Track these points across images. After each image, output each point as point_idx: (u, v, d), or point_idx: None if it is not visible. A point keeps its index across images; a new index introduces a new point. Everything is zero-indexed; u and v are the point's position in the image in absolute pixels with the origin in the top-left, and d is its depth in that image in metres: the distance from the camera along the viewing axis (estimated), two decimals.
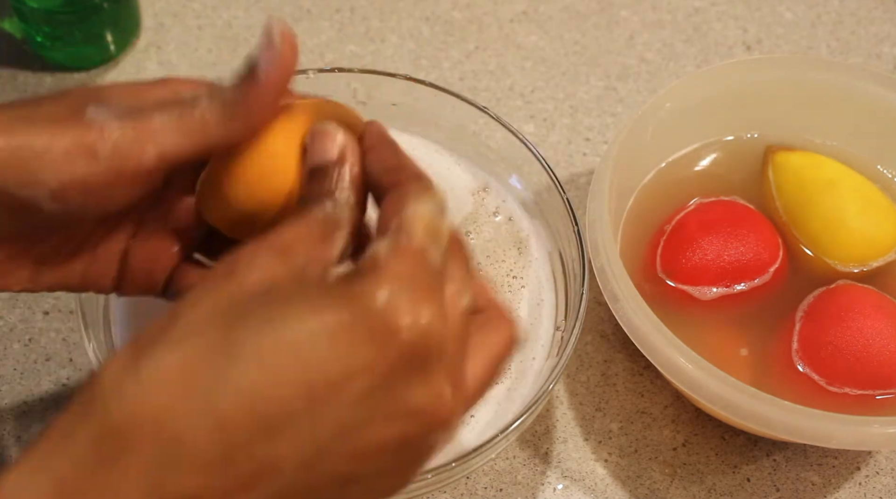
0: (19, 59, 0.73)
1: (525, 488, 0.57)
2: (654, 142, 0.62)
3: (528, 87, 0.74)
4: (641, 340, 0.53)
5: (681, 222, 0.60)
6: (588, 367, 0.62)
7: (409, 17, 0.77)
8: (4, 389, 0.59)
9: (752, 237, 0.59)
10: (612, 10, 0.79)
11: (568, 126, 0.73)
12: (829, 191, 0.61)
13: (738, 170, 0.65)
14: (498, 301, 0.40)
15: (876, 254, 0.60)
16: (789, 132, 0.65)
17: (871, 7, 0.80)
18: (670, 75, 0.76)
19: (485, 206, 0.59)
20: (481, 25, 0.77)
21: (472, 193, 0.59)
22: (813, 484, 0.59)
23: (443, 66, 0.75)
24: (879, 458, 0.60)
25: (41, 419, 0.58)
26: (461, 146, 0.60)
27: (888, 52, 0.78)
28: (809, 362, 0.56)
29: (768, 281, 0.59)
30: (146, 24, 0.75)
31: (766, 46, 0.78)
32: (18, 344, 0.61)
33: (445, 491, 0.57)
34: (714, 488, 0.58)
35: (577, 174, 0.70)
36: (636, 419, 0.60)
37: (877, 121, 0.64)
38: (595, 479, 0.58)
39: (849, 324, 0.56)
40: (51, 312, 0.62)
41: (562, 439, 0.59)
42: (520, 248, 0.57)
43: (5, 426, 0.57)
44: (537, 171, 0.57)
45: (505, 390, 0.53)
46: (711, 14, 0.79)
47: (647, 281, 0.59)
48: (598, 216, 0.55)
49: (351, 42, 0.76)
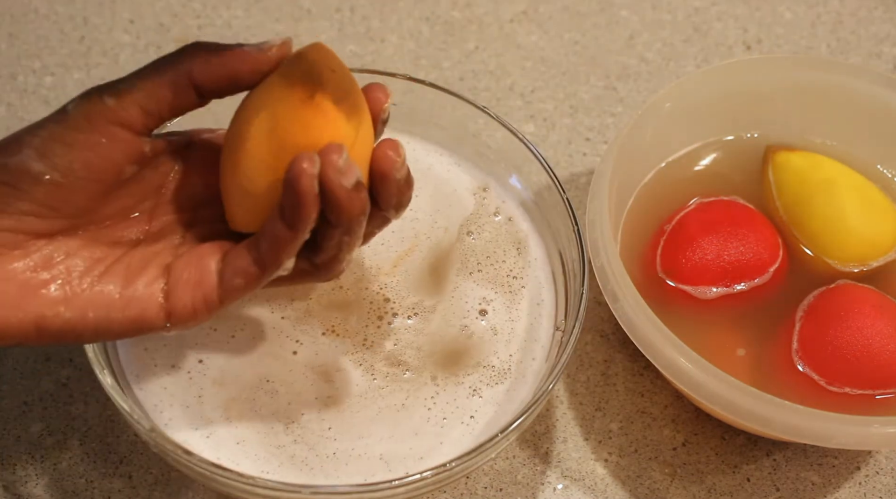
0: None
1: (525, 488, 0.57)
2: (654, 142, 0.62)
3: (528, 87, 0.74)
4: (641, 340, 0.53)
5: (681, 222, 0.60)
6: (588, 367, 0.62)
7: (409, 17, 0.77)
8: (4, 389, 0.59)
9: (752, 237, 0.59)
10: (612, 10, 0.79)
11: (568, 126, 0.73)
12: (828, 191, 0.61)
13: (738, 170, 0.65)
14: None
15: (876, 254, 0.60)
16: (789, 132, 0.66)
17: (871, 7, 0.80)
18: (670, 75, 0.76)
19: (485, 206, 0.59)
20: (481, 25, 0.77)
21: (472, 194, 0.59)
22: (813, 484, 0.59)
23: (443, 66, 0.75)
24: (879, 458, 0.60)
25: (41, 419, 0.58)
26: (461, 146, 0.60)
27: (888, 52, 0.78)
28: (809, 362, 0.56)
29: (768, 281, 0.59)
30: (146, 23, 0.75)
31: (766, 46, 0.78)
32: None
33: (445, 491, 0.57)
34: (714, 488, 0.58)
35: (577, 174, 0.70)
36: (636, 419, 0.60)
37: (877, 121, 0.64)
38: (595, 479, 0.58)
39: (849, 324, 0.56)
40: None
41: (562, 439, 0.59)
42: (519, 248, 0.57)
43: (5, 426, 0.57)
44: (537, 171, 0.57)
45: (504, 390, 0.53)
46: (711, 14, 0.79)
47: (647, 281, 0.59)
48: (598, 216, 0.55)
49: (351, 42, 0.76)
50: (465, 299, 0.55)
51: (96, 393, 0.58)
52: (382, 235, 0.56)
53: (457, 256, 0.56)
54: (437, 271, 0.56)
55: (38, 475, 0.56)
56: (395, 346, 0.53)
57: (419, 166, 0.60)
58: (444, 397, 0.52)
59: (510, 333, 0.54)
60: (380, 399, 0.52)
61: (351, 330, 0.53)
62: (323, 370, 0.52)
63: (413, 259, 0.56)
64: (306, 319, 0.54)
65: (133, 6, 0.76)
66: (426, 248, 0.57)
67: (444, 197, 0.59)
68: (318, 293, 0.54)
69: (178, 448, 0.47)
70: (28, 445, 0.57)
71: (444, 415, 0.51)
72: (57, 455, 0.57)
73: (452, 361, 0.53)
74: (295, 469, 0.49)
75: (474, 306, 0.55)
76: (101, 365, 0.49)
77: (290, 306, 0.54)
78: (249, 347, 0.53)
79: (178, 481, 0.56)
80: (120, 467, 0.56)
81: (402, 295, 0.55)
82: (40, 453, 0.57)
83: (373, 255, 0.56)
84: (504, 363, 0.53)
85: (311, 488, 0.46)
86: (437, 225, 0.57)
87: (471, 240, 0.57)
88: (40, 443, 0.57)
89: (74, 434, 0.57)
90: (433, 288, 0.55)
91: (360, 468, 0.50)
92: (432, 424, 0.51)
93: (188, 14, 0.76)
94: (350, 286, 0.55)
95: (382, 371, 0.52)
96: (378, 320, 0.54)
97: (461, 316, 0.54)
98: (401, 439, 0.51)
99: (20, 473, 0.56)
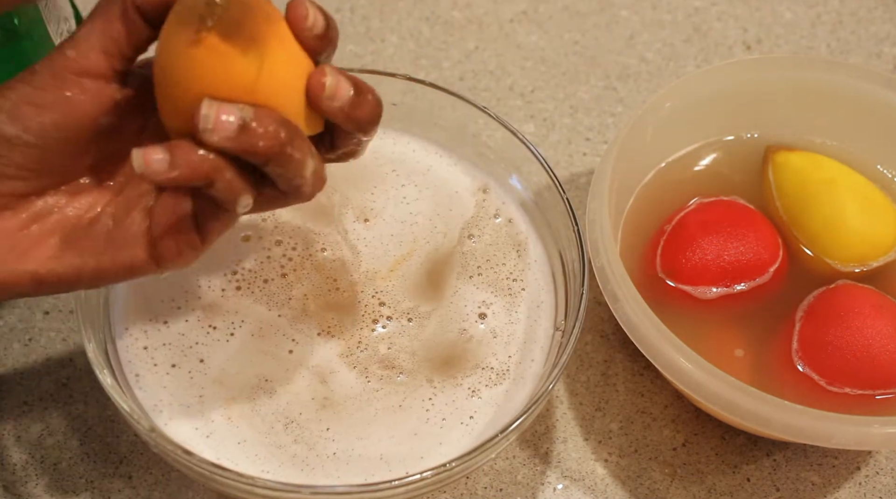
0: None
1: (525, 488, 0.57)
2: (654, 142, 0.62)
3: (528, 87, 0.74)
4: (641, 340, 0.53)
5: (681, 222, 0.60)
6: (588, 367, 0.62)
7: (409, 17, 0.77)
8: (4, 389, 0.59)
9: (752, 237, 0.59)
10: (612, 10, 0.79)
11: (568, 126, 0.73)
12: (828, 191, 0.61)
13: (738, 170, 0.65)
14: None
15: (876, 254, 0.60)
16: (789, 132, 0.66)
17: (871, 7, 0.80)
18: (670, 75, 0.76)
19: (485, 208, 0.59)
20: (481, 25, 0.77)
21: (472, 194, 0.59)
22: (813, 484, 0.59)
23: (443, 66, 0.75)
24: (879, 458, 0.60)
25: (41, 419, 0.58)
26: (461, 146, 0.60)
27: (888, 52, 0.78)
28: (809, 362, 0.56)
29: (768, 281, 0.59)
30: None
31: (766, 46, 0.78)
32: (18, 344, 0.61)
33: (445, 491, 0.57)
34: (714, 488, 0.58)
35: (577, 174, 0.70)
36: (636, 419, 0.60)
37: (877, 121, 0.64)
38: (595, 479, 0.58)
39: (849, 324, 0.56)
40: (51, 312, 0.62)
41: (562, 439, 0.59)
42: (519, 250, 0.57)
43: (5, 426, 0.57)
44: (537, 171, 0.57)
45: (504, 390, 0.53)
46: (711, 14, 0.79)
47: (647, 281, 0.59)
48: (598, 216, 0.55)
49: (351, 42, 0.76)
50: (465, 303, 0.55)
51: (96, 393, 0.58)
52: (381, 237, 0.56)
53: (457, 260, 0.56)
54: (436, 276, 0.56)
55: (38, 475, 0.56)
56: (389, 349, 0.53)
57: (419, 167, 0.60)
58: (442, 398, 0.52)
59: (509, 335, 0.54)
60: (375, 401, 0.52)
61: (346, 332, 0.53)
62: (318, 370, 0.52)
63: (411, 264, 0.56)
64: (302, 318, 0.54)
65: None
66: (424, 252, 0.56)
67: (443, 198, 0.59)
68: (315, 294, 0.54)
69: (178, 448, 0.47)
70: (28, 445, 0.57)
71: (442, 416, 0.51)
72: (57, 455, 0.57)
73: (450, 364, 0.53)
74: (295, 469, 0.49)
75: (474, 310, 0.55)
76: (101, 365, 0.49)
77: (287, 304, 0.54)
78: (248, 345, 0.53)
79: (178, 481, 0.56)
80: (120, 467, 0.56)
81: (397, 300, 0.55)
82: (40, 453, 0.57)
83: (371, 259, 0.56)
84: (503, 364, 0.53)
85: (310, 488, 0.46)
86: (436, 229, 0.57)
87: (471, 243, 0.57)
88: (40, 443, 0.57)
89: (74, 434, 0.57)
90: (431, 293, 0.55)
91: (360, 468, 0.50)
92: (431, 425, 0.51)
93: None
94: (346, 289, 0.55)
95: (377, 374, 0.52)
96: (373, 324, 0.54)
97: (460, 320, 0.54)
98: (400, 440, 0.51)
99: (20, 473, 0.56)
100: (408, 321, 0.54)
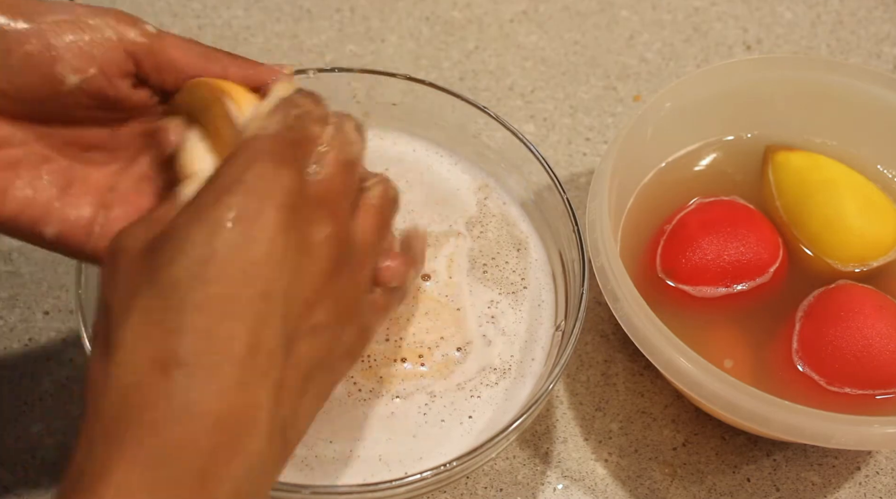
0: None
1: (525, 488, 0.57)
2: (654, 142, 0.62)
3: (528, 87, 0.74)
4: (641, 340, 0.53)
5: (681, 222, 0.60)
6: (588, 367, 0.62)
7: (409, 16, 0.78)
8: (4, 389, 0.59)
9: (752, 237, 0.59)
10: (612, 10, 0.79)
11: (568, 126, 0.73)
12: (828, 191, 0.61)
13: (738, 170, 0.65)
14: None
15: (876, 254, 0.60)
16: (789, 132, 0.66)
17: (871, 7, 0.80)
18: (670, 75, 0.76)
19: (486, 206, 0.59)
20: (481, 25, 0.77)
21: (472, 194, 0.59)
22: (813, 484, 0.59)
23: (443, 66, 0.75)
24: (879, 458, 0.60)
25: (41, 419, 0.58)
26: (461, 146, 0.60)
27: (888, 52, 0.78)
28: (809, 362, 0.56)
29: (768, 281, 0.59)
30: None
31: (766, 46, 0.78)
32: (18, 344, 0.61)
33: (445, 491, 0.57)
34: (714, 488, 0.58)
35: (577, 174, 0.70)
36: (636, 419, 0.60)
37: (877, 121, 0.64)
38: (595, 479, 0.58)
39: (849, 324, 0.56)
40: (51, 312, 0.62)
41: (562, 439, 0.59)
42: (519, 249, 0.57)
43: (5, 426, 0.57)
44: (537, 171, 0.57)
45: (504, 390, 0.53)
46: (711, 14, 0.79)
47: (647, 281, 0.59)
48: (598, 216, 0.55)
49: (351, 42, 0.76)
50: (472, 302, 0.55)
51: None
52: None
53: (457, 260, 0.56)
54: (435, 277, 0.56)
55: (38, 475, 0.56)
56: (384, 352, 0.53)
57: (419, 167, 0.60)
58: (441, 399, 0.52)
59: (512, 335, 0.54)
60: (374, 401, 0.52)
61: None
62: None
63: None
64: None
65: (133, 6, 0.76)
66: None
67: (443, 198, 0.59)
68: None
69: None
70: (28, 445, 0.57)
71: (441, 417, 0.51)
72: (57, 455, 0.57)
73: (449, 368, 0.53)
74: (294, 470, 0.49)
75: (485, 311, 0.55)
76: None
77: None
78: None
79: None
80: None
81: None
82: (40, 453, 0.57)
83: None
84: (504, 364, 0.53)
85: (310, 488, 0.46)
86: (436, 229, 0.57)
87: (472, 243, 0.57)
88: (40, 443, 0.57)
89: (74, 434, 0.57)
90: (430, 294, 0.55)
91: (359, 469, 0.50)
92: (430, 425, 0.51)
93: (188, 14, 0.76)
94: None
95: (376, 374, 0.52)
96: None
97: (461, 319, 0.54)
98: (399, 441, 0.51)
99: (20, 473, 0.56)
100: (406, 321, 0.54)
